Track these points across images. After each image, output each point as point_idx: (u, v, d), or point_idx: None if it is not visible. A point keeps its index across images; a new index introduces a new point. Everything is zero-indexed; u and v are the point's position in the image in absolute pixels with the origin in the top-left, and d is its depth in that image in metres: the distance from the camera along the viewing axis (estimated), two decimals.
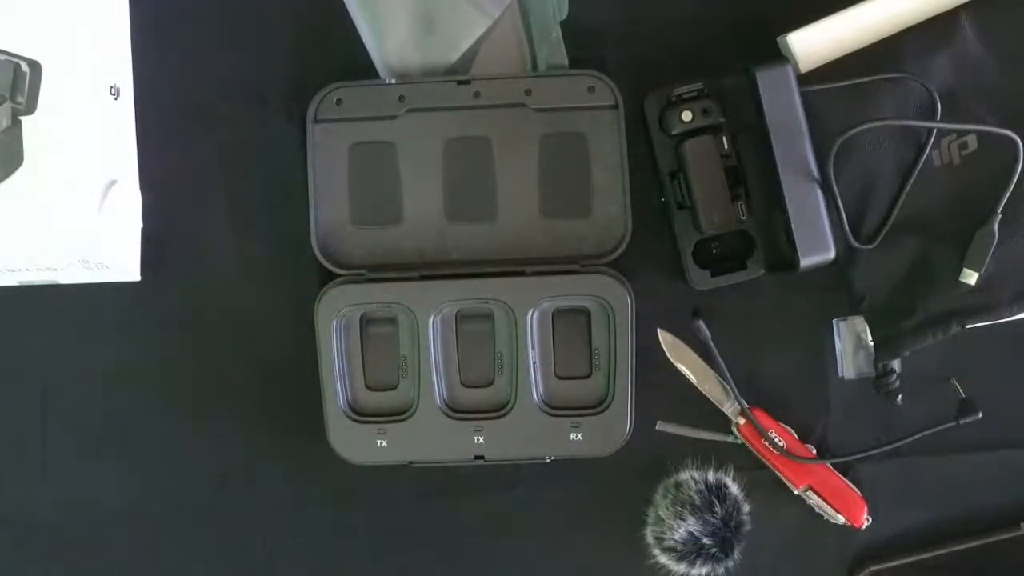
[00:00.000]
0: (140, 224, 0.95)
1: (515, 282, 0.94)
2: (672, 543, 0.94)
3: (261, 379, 0.97)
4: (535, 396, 0.95)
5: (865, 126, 0.91)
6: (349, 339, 0.96)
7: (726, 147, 0.94)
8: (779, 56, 0.93)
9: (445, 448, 0.95)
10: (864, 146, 0.92)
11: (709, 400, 0.96)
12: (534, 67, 0.96)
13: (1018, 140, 0.90)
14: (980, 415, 0.93)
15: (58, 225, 0.89)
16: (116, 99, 0.93)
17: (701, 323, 0.95)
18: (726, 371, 0.95)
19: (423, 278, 0.95)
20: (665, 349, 0.96)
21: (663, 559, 0.94)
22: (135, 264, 0.96)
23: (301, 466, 0.97)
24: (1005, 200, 0.91)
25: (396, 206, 0.96)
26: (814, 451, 0.96)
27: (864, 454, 0.96)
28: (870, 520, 0.96)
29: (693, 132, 0.93)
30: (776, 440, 0.95)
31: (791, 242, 0.91)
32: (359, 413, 0.95)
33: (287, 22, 0.98)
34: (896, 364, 0.94)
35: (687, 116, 0.93)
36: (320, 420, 0.95)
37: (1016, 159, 0.90)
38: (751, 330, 0.97)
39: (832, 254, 0.92)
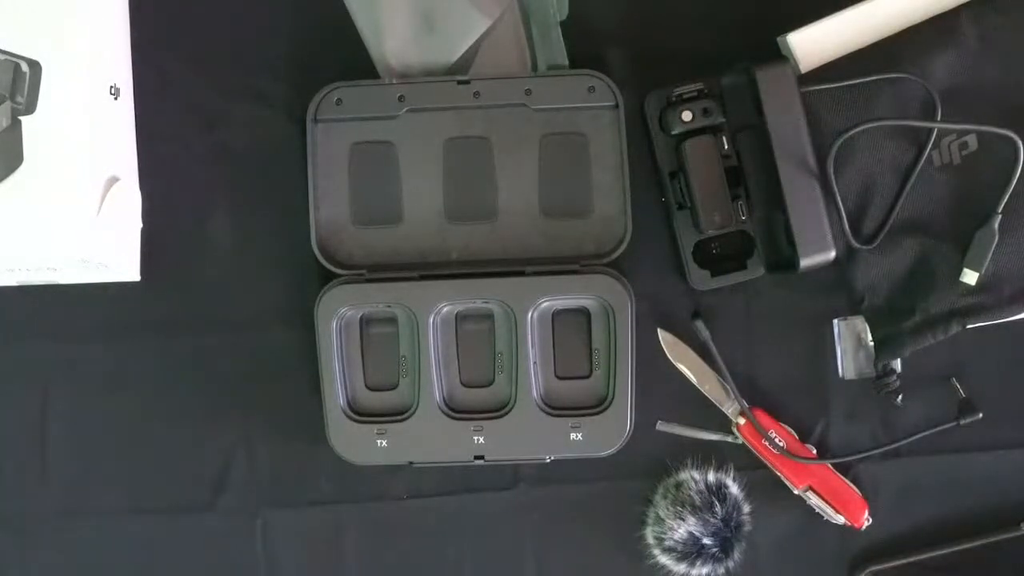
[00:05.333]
0: (140, 224, 0.95)
1: (515, 282, 0.94)
2: (672, 543, 0.94)
3: (261, 379, 0.97)
4: (535, 396, 0.95)
5: (865, 126, 0.91)
6: (349, 339, 0.96)
7: (726, 147, 0.94)
8: (779, 56, 0.93)
9: (445, 448, 0.95)
10: (864, 146, 0.92)
11: (709, 400, 0.96)
12: (534, 67, 0.96)
13: (1018, 140, 0.90)
14: (980, 415, 0.94)
15: (58, 225, 0.89)
16: (116, 99, 0.93)
17: (701, 323, 0.96)
18: (726, 371, 0.95)
19: (423, 278, 0.95)
20: (665, 349, 0.96)
21: (663, 559, 0.95)
22: (135, 264, 0.96)
23: (301, 466, 0.97)
24: (1005, 200, 0.91)
25: (396, 206, 0.96)
26: (814, 451, 0.96)
27: (864, 454, 0.96)
28: (870, 520, 0.96)
29: (693, 132, 0.93)
30: (776, 440, 0.95)
31: (791, 242, 0.91)
32: (359, 413, 0.95)
33: (287, 22, 0.98)
34: (896, 364, 0.94)
35: (687, 116, 0.93)
36: (320, 420, 0.95)
37: (1016, 159, 0.90)
38: (751, 330, 0.97)
39: (832, 254, 0.92)
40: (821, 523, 0.96)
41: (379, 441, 0.94)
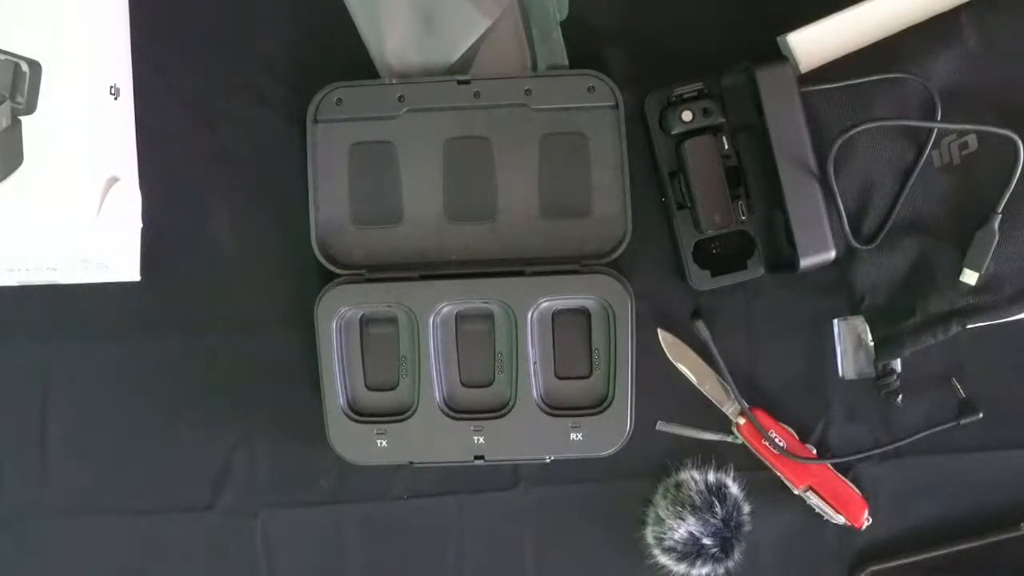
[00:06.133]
0: (140, 224, 0.95)
1: (515, 282, 0.94)
2: (672, 543, 0.94)
3: (261, 379, 0.97)
4: (535, 396, 0.95)
5: (865, 126, 0.91)
6: (349, 339, 0.96)
7: (726, 147, 0.94)
8: (779, 56, 0.93)
9: (445, 448, 0.95)
10: (864, 146, 0.92)
11: (709, 400, 0.96)
12: (534, 67, 0.96)
13: (1018, 140, 0.90)
14: (980, 415, 0.94)
15: (58, 225, 0.89)
16: (116, 99, 0.93)
17: (701, 323, 0.96)
18: (726, 371, 0.95)
19: (423, 278, 0.95)
20: (665, 349, 0.96)
21: (663, 559, 0.94)
22: (135, 264, 0.96)
23: (301, 466, 0.97)
24: (1005, 200, 0.91)
25: (396, 206, 0.96)
26: (814, 451, 0.96)
27: (864, 454, 0.96)
28: (870, 520, 0.96)
29: (693, 132, 0.93)
30: (776, 440, 0.95)
31: (791, 242, 0.91)
32: (359, 413, 0.95)
33: (287, 22, 0.98)
34: (896, 364, 0.94)
35: (687, 116, 0.93)
36: (320, 420, 0.95)
37: (1016, 159, 0.90)
38: (751, 330, 0.97)
39: (832, 254, 0.92)
40: (821, 523, 0.96)
41: (379, 441, 0.94)
